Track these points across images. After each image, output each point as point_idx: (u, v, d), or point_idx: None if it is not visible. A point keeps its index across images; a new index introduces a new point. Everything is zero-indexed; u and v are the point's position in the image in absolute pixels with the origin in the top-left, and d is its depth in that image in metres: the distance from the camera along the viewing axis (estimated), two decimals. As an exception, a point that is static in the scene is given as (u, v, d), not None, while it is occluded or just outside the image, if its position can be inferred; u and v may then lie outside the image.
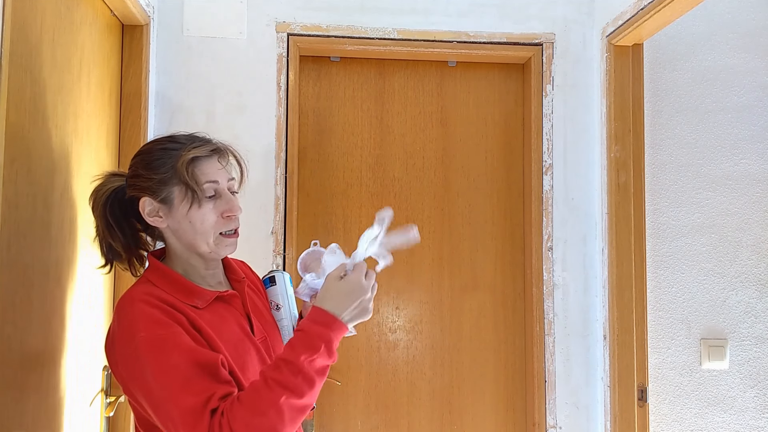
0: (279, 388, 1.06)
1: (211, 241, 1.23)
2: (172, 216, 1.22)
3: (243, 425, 1.03)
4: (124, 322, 1.13)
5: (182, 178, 1.19)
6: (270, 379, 1.07)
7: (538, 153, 2.28)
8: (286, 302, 1.43)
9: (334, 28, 2.22)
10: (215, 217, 1.22)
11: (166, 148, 1.22)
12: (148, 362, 1.07)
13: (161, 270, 1.23)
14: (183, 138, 1.25)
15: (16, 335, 1.25)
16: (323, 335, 1.12)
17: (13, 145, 1.22)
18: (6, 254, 1.21)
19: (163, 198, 1.21)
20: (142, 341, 1.08)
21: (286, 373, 1.07)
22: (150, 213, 1.22)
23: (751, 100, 2.32)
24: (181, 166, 1.19)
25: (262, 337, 1.30)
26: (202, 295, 1.22)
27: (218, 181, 1.23)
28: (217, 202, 1.23)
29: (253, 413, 1.04)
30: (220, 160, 1.25)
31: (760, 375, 2.27)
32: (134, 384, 1.10)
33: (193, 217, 1.21)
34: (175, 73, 2.15)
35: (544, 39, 2.29)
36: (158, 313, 1.12)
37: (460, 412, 2.32)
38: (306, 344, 1.10)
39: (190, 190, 1.19)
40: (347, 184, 2.33)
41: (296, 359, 1.08)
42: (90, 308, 1.64)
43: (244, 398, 1.06)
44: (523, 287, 2.36)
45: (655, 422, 2.21)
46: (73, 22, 1.56)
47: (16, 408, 1.25)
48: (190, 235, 1.22)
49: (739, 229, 2.29)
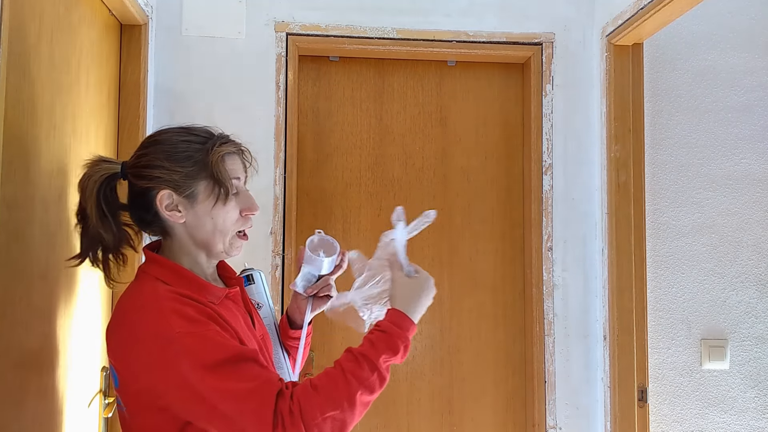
0: (356, 383, 1.07)
1: (227, 240, 1.20)
2: (193, 211, 1.17)
3: (315, 412, 1.03)
4: (149, 320, 1.08)
5: (214, 174, 1.16)
6: (349, 372, 1.08)
7: (538, 153, 2.27)
8: (265, 300, 1.43)
9: (333, 27, 2.22)
10: (237, 215, 1.20)
11: (190, 141, 1.17)
12: (187, 360, 1.03)
13: (171, 267, 1.18)
14: (203, 131, 1.21)
15: (14, 336, 1.25)
16: (404, 338, 1.15)
17: (11, 146, 1.21)
18: (4, 255, 1.20)
19: (189, 193, 1.16)
20: (179, 339, 1.04)
21: (366, 369, 1.09)
22: (168, 207, 1.16)
23: (751, 100, 2.32)
24: (215, 161, 1.16)
25: (261, 333, 1.30)
26: (215, 293, 1.20)
27: (240, 179, 1.22)
28: (238, 199, 1.21)
29: (328, 402, 1.04)
30: (244, 157, 1.24)
31: (761, 375, 2.26)
32: (167, 383, 1.04)
33: (217, 213, 1.18)
34: (174, 72, 2.14)
35: (544, 39, 2.29)
36: (191, 311, 1.09)
37: (460, 413, 2.31)
38: (388, 345, 1.13)
39: (220, 186, 1.16)
40: (346, 184, 2.33)
41: (377, 358, 1.10)
42: (88, 309, 1.64)
43: (319, 385, 1.06)
44: (523, 287, 2.36)
45: (656, 423, 2.21)
46: (71, 22, 1.56)
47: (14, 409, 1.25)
48: (208, 232, 1.18)
49: (739, 229, 2.29)
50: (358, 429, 2.27)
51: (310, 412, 1.02)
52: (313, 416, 1.02)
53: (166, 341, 1.05)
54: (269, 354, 1.31)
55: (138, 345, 1.08)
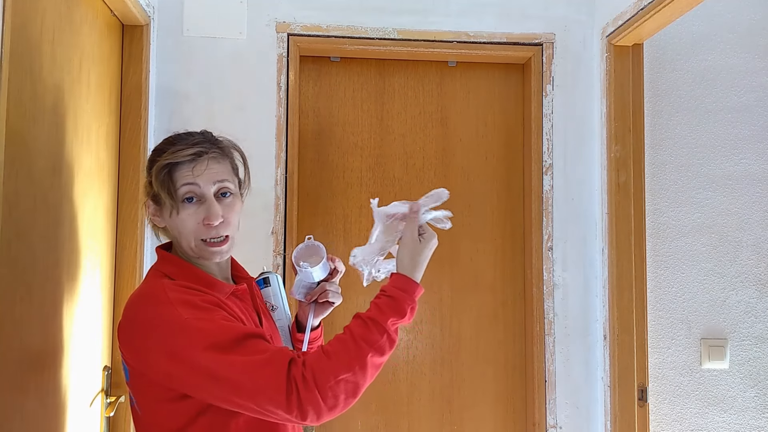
0: (366, 345, 1.10)
1: (192, 245, 1.22)
2: (163, 218, 1.24)
3: (328, 376, 1.05)
4: (158, 310, 1.11)
5: (154, 186, 1.21)
6: (358, 336, 1.11)
7: (538, 153, 2.28)
8: (281, 303, 1.43)
9: (334, 28, 2.22)
10: (194, 224, 1.20)
11: (158, 150, 1.25)
12: (199, 342, 1.06)
13: (178, 263, 1.24)
14: (172, 139, 1.25)
15: (16, 335, 1.25)
16: (409, 301, 1.19)
17: (13, 145, 1.22)
18: (6, 254, 1.21)
19: (158, 201, 1.22)
20: (188, 324, 1.08)
21: (375, 332, 1.12)
22: (150, 213, 1.26)
23: (751, 100, 2.32)
24: (156, 172, 1.20)
25: (269, 333, 1.31)
26: (221, 288, 1.23)
27: (198, 185, 1.19)
28: (198, 207, 1.20)
29: (340, 366, 1.07)
30: (201, 164, 1.20)
31: (760, 375, 2.26)
32: (181, 369, 1.07)
33: (174, 222, 1.21)
34: (175, 73, 2.14)
35: (544, 39, 2.29)
36: (197, 300, 1.13)
37: (460, 412, 2.32)
38: (394, 309, 1.16)
39: (163, 196, 1.20)
40: (347, 184, 2.33)
41: (384, 321, 1.14)
42: (90, 308, 1.64)
43: (330, 351, 1.09)
44: (523, 287, 2.36)
45: (656, 422, 2.21)
46: (73, 22, 1.56)
47: (16, 408, 1.25)
48: (176, 237, 1.24)
49: (739, 229, 2.29)
50: (358, 428, 2.27)
51: (322, 377, 1.05)
52: (326, 380, 1.05)
53: (177, 328, 1.08)
54: None
55: (149, 336, 1.11)
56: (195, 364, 1.06)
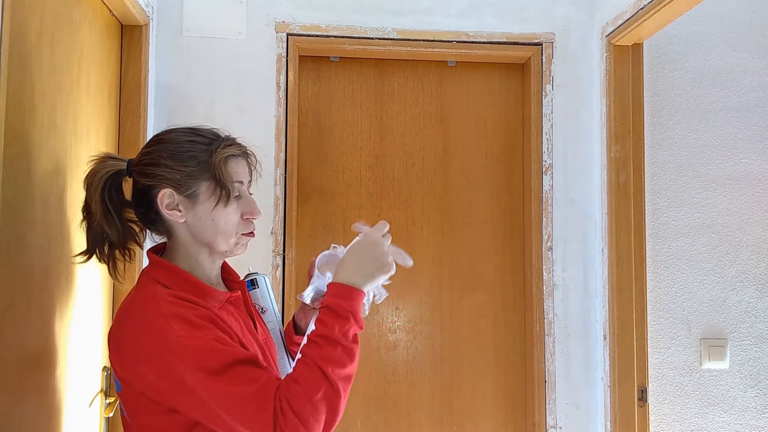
0: (325, 363, 1.08)
1: (231, 241, 1.21)
2: (194, 211, 1.18)
3: (303, 402, 1.04)
4: (149, 322, 1.08)
5: (216, 175, 1.16)
6: (314, 356, 1.09)
7: (538, 153, 2.28)
8: (270, 305, 1.41)
9: (333, 28, 2.22)
10: (238, 218, 1.21)
11: (195, 141, 1.18)
12: (189, 363, 1.04)
13: (172, 270, 1.19)
14: (209, 133, 1.22)
15: (15, 336, 1.25)
16: (347, 306, 1.14)
17: (12, 146, 1.22)
18: (5, 255, 1.20)
19: (190, 193, 1.16)
20: (179, 342, 1.05)
21: (326, 347, 1.10)
22: (168, 206, 1.17)
23: (751, 100, 2.32)
24: (218, 162, 1.16)
25: (264, 338, 1.30)
26: (216, 296, 1.20)
27: (243, 182, 1.22)
28: (240, 202, 1.21)
29: (309, 388, 1.06)
30: (249, 161, 1.25)
31: (761, 375, 2.26)
32: (169, 385, 1.06)
33: (218, 215, 1.18)
34: (175, 73, 2.14)
35: (544, 39, 2.29)
36: (191, 315, 1.10)
37: (460, 412, 2.31)
38: (336, 318, 1.13)
39: (221, 188, 1.17)
40: (347, 184, 2.33)
41: (332, 333, 1.11)
42: (89, 309, 1.64)
43: (296, 376, 1.08)
44: (523, 287, 2.36)
45: (656, 422, 2.21)
46: (72, 22, 1.56)
47: (15, 409, 1.25)
48: (210, 233, 1.19)
49: (739, 229, 2.29)
50: (358, 428, 2.27)
51: (297, 403, 1.04)
52: (303, 405, 1.04)
53: (167, 345, 1.05)
54: (273, 359, 1.30)
55: (139, 349, 1.08)
56: (183, 385, 1.04)
